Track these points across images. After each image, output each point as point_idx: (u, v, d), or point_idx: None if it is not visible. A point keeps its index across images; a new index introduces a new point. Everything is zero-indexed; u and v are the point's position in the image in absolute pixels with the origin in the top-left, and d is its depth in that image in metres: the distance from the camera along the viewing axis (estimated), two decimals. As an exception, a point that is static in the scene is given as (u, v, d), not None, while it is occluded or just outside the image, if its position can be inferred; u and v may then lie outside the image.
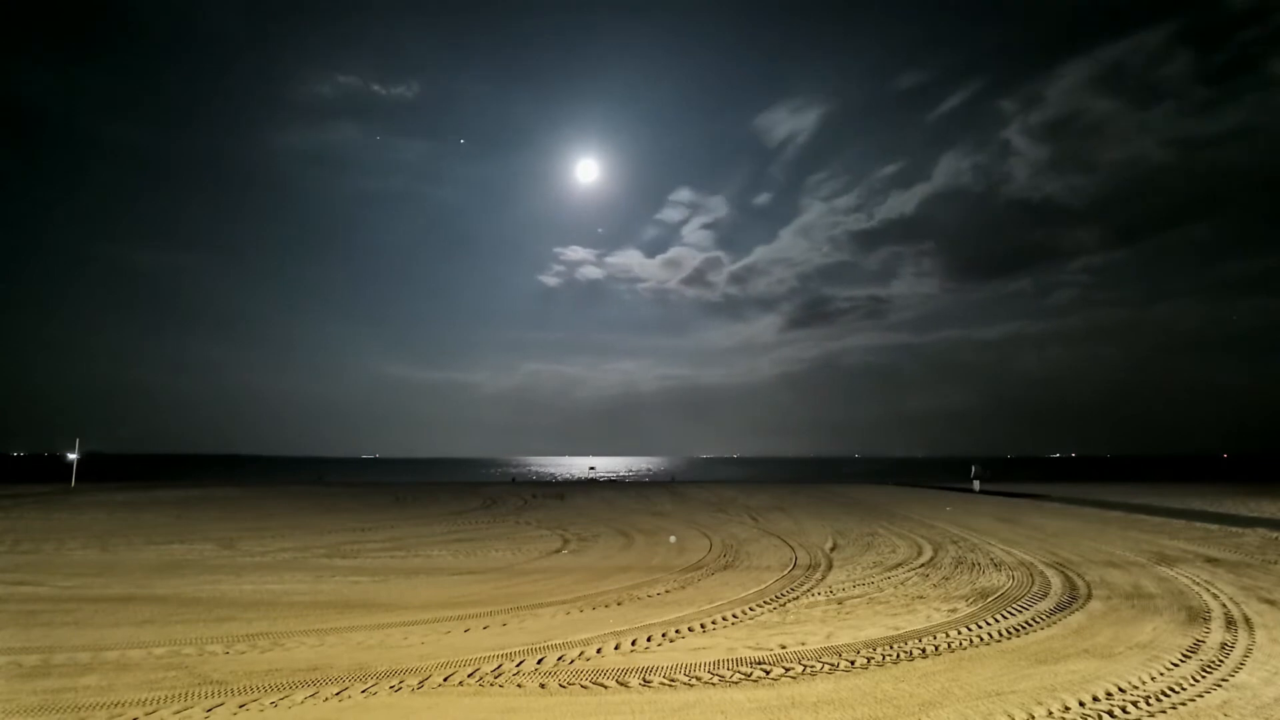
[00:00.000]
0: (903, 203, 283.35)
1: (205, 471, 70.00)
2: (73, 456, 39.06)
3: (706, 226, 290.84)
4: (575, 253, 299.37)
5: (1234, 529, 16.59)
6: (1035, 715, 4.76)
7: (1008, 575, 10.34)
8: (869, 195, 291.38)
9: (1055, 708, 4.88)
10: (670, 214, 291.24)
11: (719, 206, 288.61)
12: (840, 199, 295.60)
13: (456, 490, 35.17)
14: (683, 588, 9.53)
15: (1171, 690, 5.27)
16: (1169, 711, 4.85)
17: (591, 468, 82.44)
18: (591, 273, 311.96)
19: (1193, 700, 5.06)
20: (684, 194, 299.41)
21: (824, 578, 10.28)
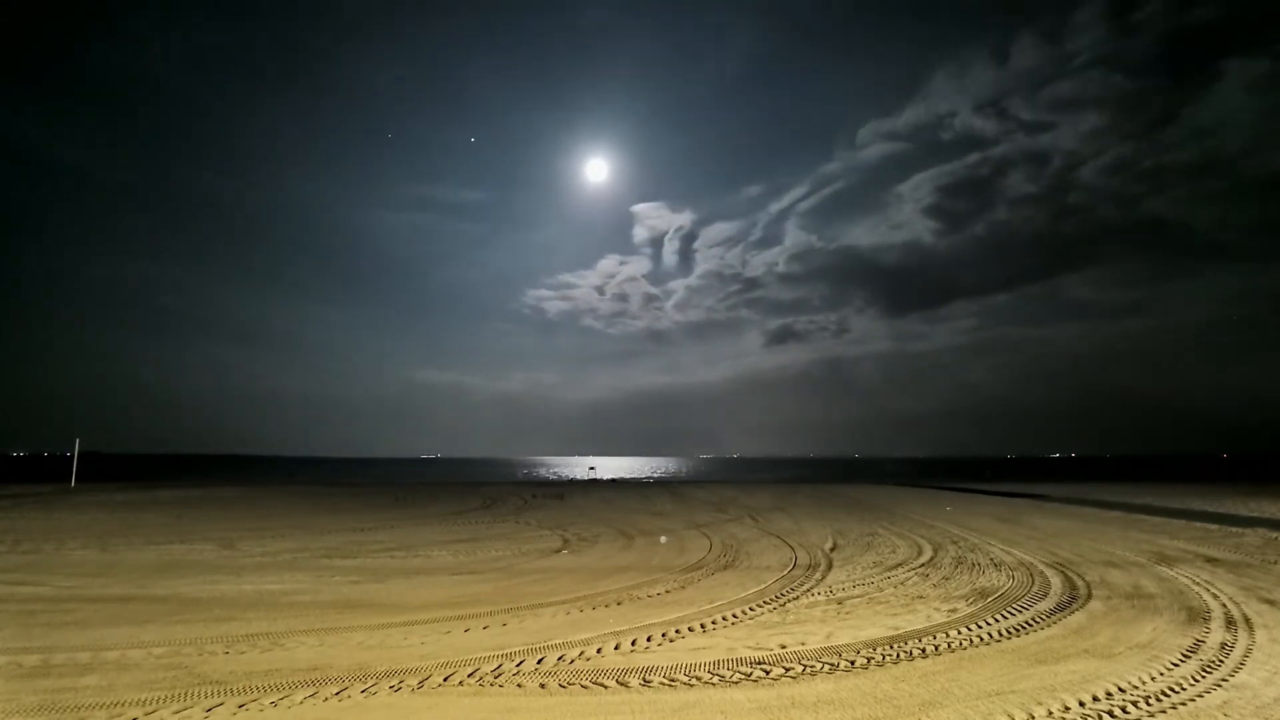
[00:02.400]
0: (771, 259, 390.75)
1: (205, 472, 70.00)
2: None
3: (644, 275, 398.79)
4: (541, 293, 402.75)
5: (1234, 529, 16.59)
6: (1035, 715, 4.75)
7: (1007, 575, 10.34)
8: (747, 254, 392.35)
9: (1055, 708, 4.88)
10: (608, 265, 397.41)
11: (642, 263, 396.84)
12: (728, 255, 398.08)
13: (456, 490, 35.17)
14: (683, 588, 9.53)
15: (1171, 690, 5.27)
16: (1169, 711, 4.85)
17: (591, 468, 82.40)
18: (561, 305, 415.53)
19: (1193, 700, 5.06)
20: (614, 256, 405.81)
21: (824, 578, 10.28)
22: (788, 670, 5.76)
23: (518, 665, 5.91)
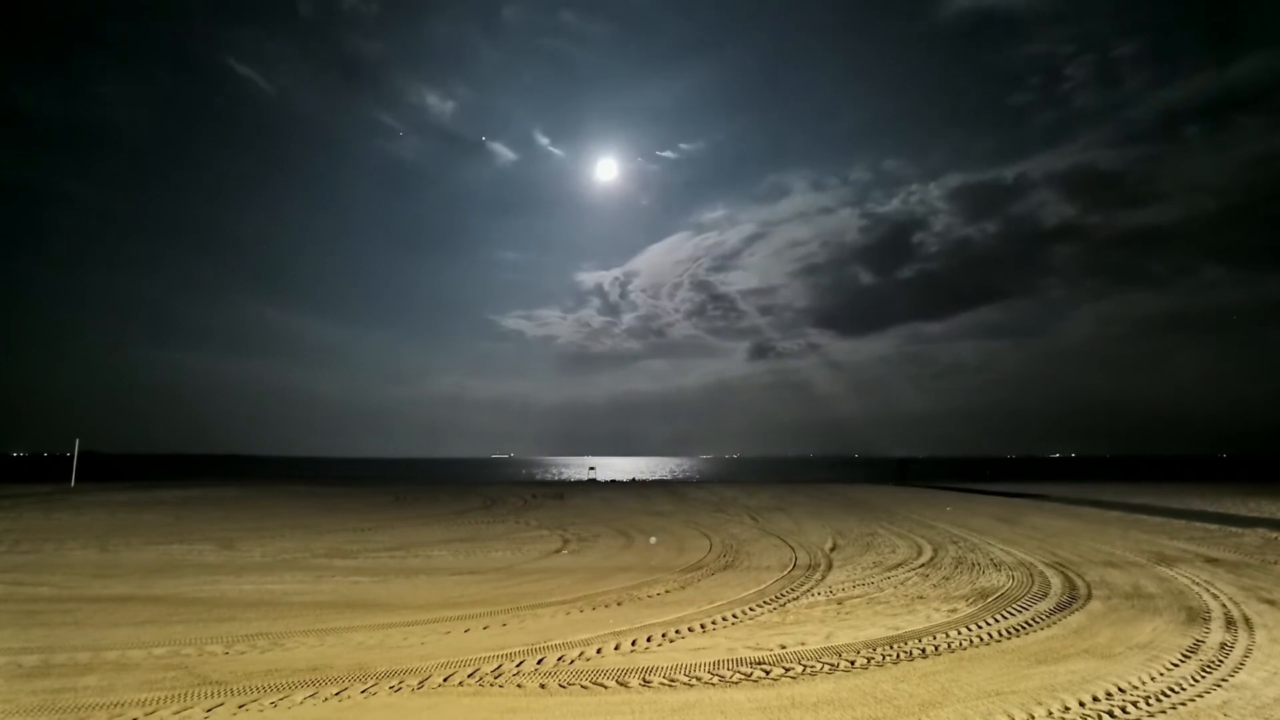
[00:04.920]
0: (688, 296, 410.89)
1: (205, 472, 69.98)
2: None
3: (598, 310, 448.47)
4: (518, 322, 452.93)
5: (1234, 529, 16.59)
6: (1035, 715, 4.76)
7: (1007, 575, 10.35)
8: (667, 295, 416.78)
9: (1055, 708, 4.88)
10: (568, 301, 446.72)
11: (594, 302, 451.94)
12: (653, 301, 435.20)
13: (456, 490, 35.18)
14: (683, 588, 9.53)
15: (1171, 690, 5.27)
16: (1169, 711, 4.85)
17: (591, 468, 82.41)
18: (537, 330, 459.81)
19: (1193, 700, 5.07)
20: (568, 298, 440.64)
21: (824, 578, 10.28)
22: (788, 670, 5.76)
23: (518, 665, 5.91)
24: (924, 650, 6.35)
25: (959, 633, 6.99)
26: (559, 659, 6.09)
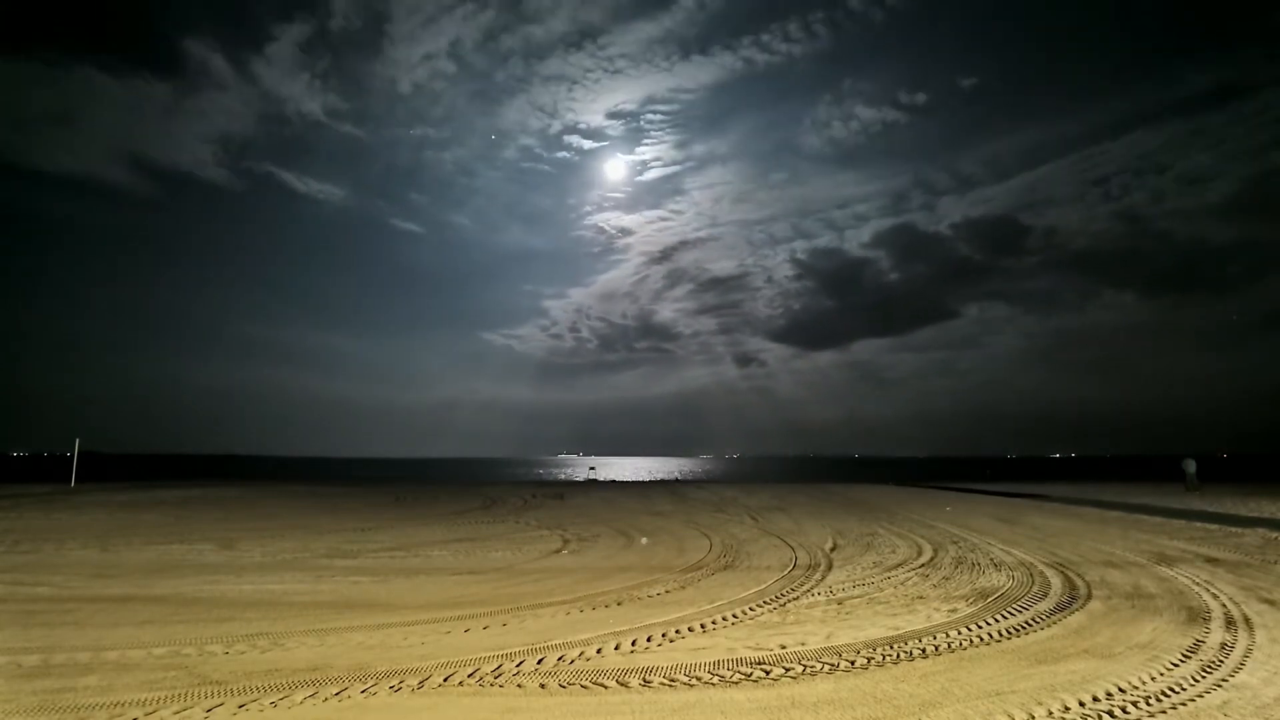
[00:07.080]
0: (642, 319, 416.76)
1: (205, 472, 69.94)
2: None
3: (569, 329, 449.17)
4: (499, 337, 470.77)
5: (1234, 529, 16.58)
6: (1035, 715, 4.76)
7: (1008, 575, 10.35)
8: (619, 317, 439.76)
9: (1055, 708, 4.88)
10: (542, 321, 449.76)
11: (564, 320, 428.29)
12: (612, 322, 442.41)
13: (456, 490, 35.18)
14: (683, 588, 9.53)
15: (1171, 690, 5.27)
16: (1169, 711, 4.85)
17: (591, 468, 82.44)
18: (518, 345, 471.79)
19: (1193, 700, 5.06)
20: (541, 319, 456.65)
21: (824, 578, 10.28)
22: (788, 670, 5.76)
23: (518, 665, 5.91)
24: (924, 650, 6.35)
25: (959, 633, 6.99)
26: (559, 659, 6.09)
